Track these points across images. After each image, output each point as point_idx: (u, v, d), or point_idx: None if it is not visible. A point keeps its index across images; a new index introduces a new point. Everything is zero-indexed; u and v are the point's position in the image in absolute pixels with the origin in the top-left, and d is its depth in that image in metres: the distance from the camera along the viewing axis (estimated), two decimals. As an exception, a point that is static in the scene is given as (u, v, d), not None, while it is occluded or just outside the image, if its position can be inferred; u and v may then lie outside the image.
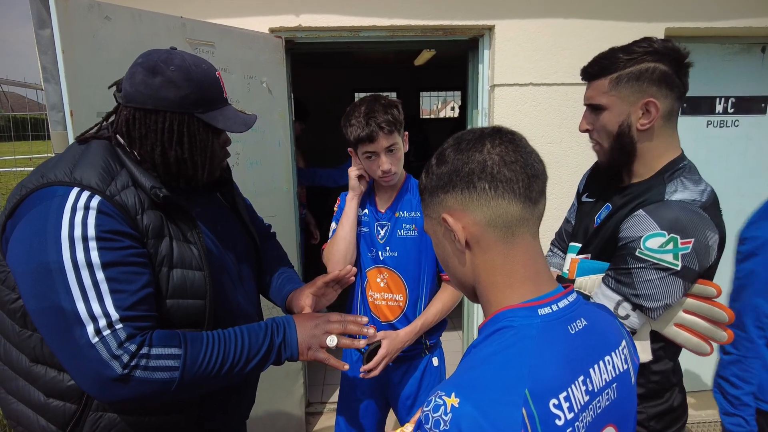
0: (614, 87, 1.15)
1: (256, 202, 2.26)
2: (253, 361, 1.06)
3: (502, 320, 0.69)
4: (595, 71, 1.19)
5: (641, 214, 1.10)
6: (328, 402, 3.06)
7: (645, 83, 1.12)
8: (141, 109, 1.03)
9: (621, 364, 0.75)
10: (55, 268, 0.90)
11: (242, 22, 2.31)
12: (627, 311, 1.10)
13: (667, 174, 1.16)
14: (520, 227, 0.70)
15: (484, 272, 0.72)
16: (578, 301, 0.74)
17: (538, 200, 0.71)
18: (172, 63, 1.03)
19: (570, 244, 1.37)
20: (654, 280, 1.07)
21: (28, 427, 1.06)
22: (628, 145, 1.18)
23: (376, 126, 1.52)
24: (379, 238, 1.68)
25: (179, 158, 1.07)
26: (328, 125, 4.93)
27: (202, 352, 0.98)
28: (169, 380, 0.94)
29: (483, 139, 0.71)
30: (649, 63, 1.12)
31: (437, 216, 0.74)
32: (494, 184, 0.69)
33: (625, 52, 1.14)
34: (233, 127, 1.09)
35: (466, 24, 2.50)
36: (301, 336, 1.12)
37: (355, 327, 1.18)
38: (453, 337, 3.71)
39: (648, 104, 1.13)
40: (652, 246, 1.06)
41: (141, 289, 0.96)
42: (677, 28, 2.55)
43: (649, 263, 1.07)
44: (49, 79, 1.60)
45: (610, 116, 1.18)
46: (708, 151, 2.82)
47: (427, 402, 0.62)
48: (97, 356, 0.89)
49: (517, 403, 0.58)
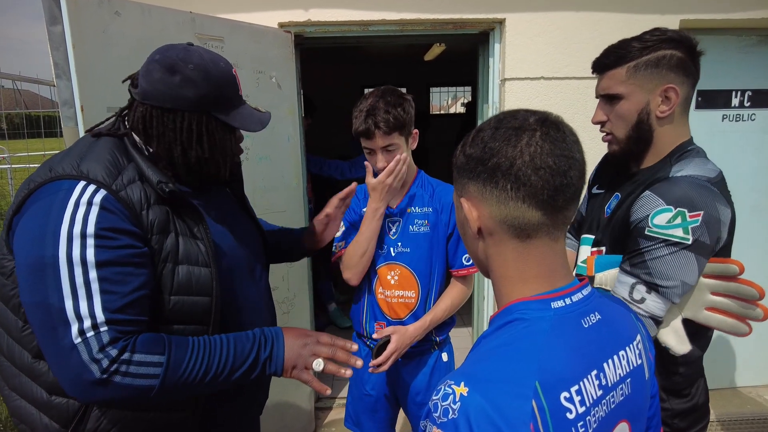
0: (632, 75, 1.14)
1: (266, 198, 2.28)
2: (237, 372, 1.03)
3: (514, 312, 0.68)
4: (610, 61, 1.17)
5: (647, 194, 1.10)
6: (338, 397, 3.07)
7: (664, 70, 1.12)
8: (159, 107, 1.02)
9: (635, 359, 0.73)
10: (50, 263, 0.90)
11: (251, 17, 2.31)
12: (642, 293, 1.08)
13: (675, 156, 1.17)
14: (537, 232, 0.68)
15: (497, 263, 0.71)
16: (593, 294, 0.73)
17: (563, 208, 0.67)
18: (191, 61, 1.02)
19: (583, 236, 1.36)
20: (665, 257, 1.05)
21: (31, 425, 1.05)
22: (646, 133, 1.17)
23: (373, 124, 1.50)
24: (391, 234, 1.67)
25: (200, 158, 1.07)
26: (336, 121, 4.94)
27: (185, 359, 0.97)
28: (148, 387, 0.93)
29: (523, 131, 0.66)
30: (666, 50, 1.12)
31: (459, 195, 0.74)
32: (517, 186, 0.65)
33: (640, 41, 1.14)
34: (250, 126, 1.09)
35: (476, 17, 2.47)
36: (288, 354, 1.09)
37: (343, 355, 1.13)
38: (463, 333, 3.70)
39: (668, 90, 1.13)
40: (660, 222, 1.05)
41: (133, 292, 0.95)
42: (692, 19, 2.51)
43: (658, 240, 1.06)
44: (61, 75, 1.61)
45: (628, 105, 1.17)
46: (723, 145, 2.76)
47: (436, 390, 0.61)
48: (77, 358, 0.89)
49: (527, 395, 0.58)
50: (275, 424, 2.49)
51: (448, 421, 0.58)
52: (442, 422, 0.58)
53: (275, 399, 2.45)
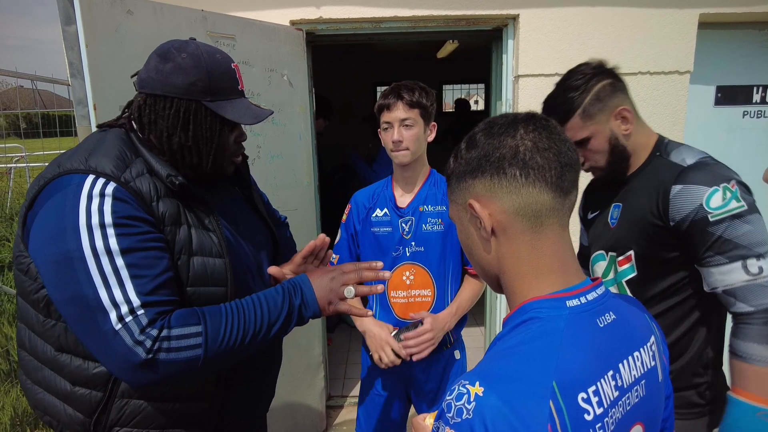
0: (587, 118, 1.25)
1: (278, 196, 2.28)
2: (276, 326, 1.05)
3: (528, 311, 0.67)
4: (560, 117, 1.26)
5: (679, 188, 1.16)
6: (349, 395, 3.07)
7: (607, 99, 1.24)
8: (152, 95, 1.04)
9: (649, 360, 0.72)
10: (76, 257, 0.91)
11: (263, 15, 2.31)
12: (756, 265, 1.10)
13: (662, 151, 1.27)
14: (549, 217, 0.68)
15: (510, 262, 0.70)
16: (607, 294, 0.72)
17: (569, 190, 0.69)
18: (184, 51, 1.03)
19: (594, 255, 1.41)
20: (747, 229, 1.10)
21: (55, 416, 1.08)
22: (622, 152, 1.29)
23: (396, 96, 1.55)
24: (404, 234, 1.66)
25: (182, 145, 1.06)
26: (349, 120, 4.94)
27: (222, 325, 0.98)
28: (195, 358, 0.95)
29: (516, 124, 0.69)
30: (596, 84, 1.24)
31: (463, 202, 0.73)
32: (525, 170, 0.66)
33: (574, 89, 1.25)
34: (242, 118, 1.08)
35: (489, 13, 2.44)
36: (319, 293, 1.10)
37: (371, 273, 1.15)
38: (475, 332, 3.68)
39: (621, 112, 1.25)
40: (717, 203, 1.11)
41: (161, 274, 0.97)
42: (712, 14, 2.45)
43: (726, 219, 1.11)
44: (76, 75, 1.63)
45: (597, 141, 1.27)
46: (743, 143, 2.70)
47: (449, 390, 0.60)
48: (121, 343, 0.90)
49: (545, 396, 0.56)
50: (286, 423, 2.50)
51: (463, 422, 0.56)
52: (455, 422, 0.57)
53: (286, 398, 2.46)
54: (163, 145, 1.06)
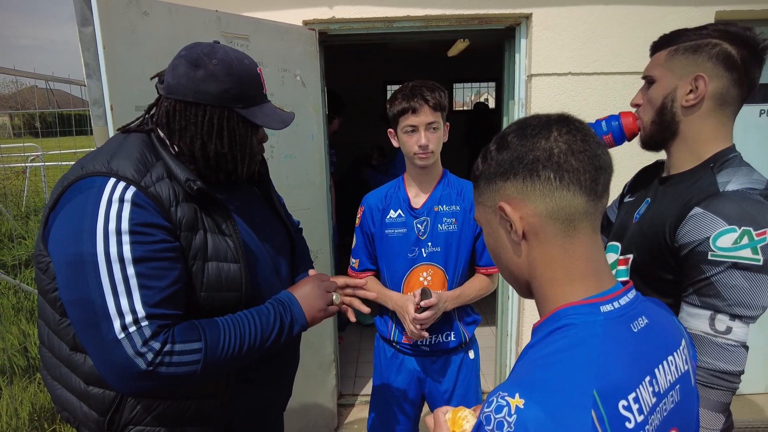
0: (670, 59, 1.10)
1: (290, 195, 2.27)
2: (269, 341, 1.09)
3: (563, 318, 0.65)
4: (657, 43, 1.15)
5: (699, 212, 1.01)
6: (360, 394, 3.08)
7: (701, 58, 1.06)
8: (182, 101, 1.04)
9: (682, 364, 0.71)
10: (89, 261, 0.92)
11: (276, 15, 2.32)
12: (726, 323, 0.98)
13: (716, 165, 1.08)
14: (582, 221, 0.66)
15: (542, 266, 0.69)
16: (638, 298, 0.70)
17: (602, 194, 0.67)
18: (214, 57, 1.03)
19: (609, 244, 1.32)
20: (740, 283, 0.96)
21: (73, 413, 1.11)
22: (668, 121, 1.12)
23: (421, 98, 1.53)
24: (420, 234, 1.66)
25: (218, 152, 1.08)
26: (360, 118, 4.94)
27: (220, 340, 1.01)
28: (192, 372, 0.97)
29: (550, 126, 0.68)
30: (713, 39, 1.06)
31: (493, 204, 0.71)
32: (560, 173, 0.65)
33: (696, 29, 1.09)
34: (272, 124, 1.09)
35: (502, 13, 2.43)
36: (306, 307, 1.15)
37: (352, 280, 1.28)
38: (486, 332, 3.67)
39: (697, 79, 1.06)
40: (725, 244, 0.96)
41: (170, 286, 0.98)
42: (729, 11, 2.41)
43: (726, 264, 0.97)
44: (91, 75, 1.65)
45: (657, 88, 1.13)
46: (759, 141, 2.65)
47: (487, 402, 0.59)
48: (122, 352, 0.92)
49: (586, 405, 0.55)
50: (299, 422, 2.51)
51: None
52: None
53: (298, 397, 2.47)
54: (196, 151, 1.07)
